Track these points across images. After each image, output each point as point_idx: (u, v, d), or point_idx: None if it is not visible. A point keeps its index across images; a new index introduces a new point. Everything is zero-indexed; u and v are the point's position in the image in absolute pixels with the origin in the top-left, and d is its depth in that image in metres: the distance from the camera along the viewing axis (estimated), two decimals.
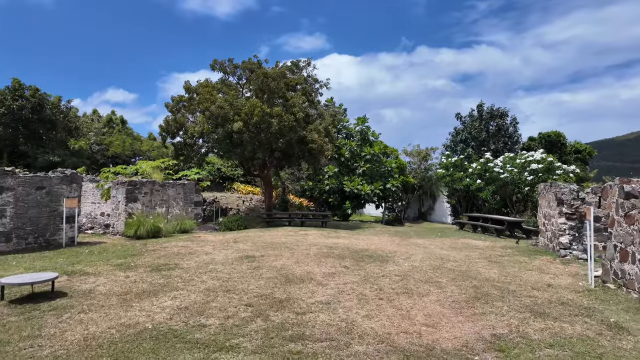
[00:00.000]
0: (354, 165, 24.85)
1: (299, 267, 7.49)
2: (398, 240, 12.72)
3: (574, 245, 8.88)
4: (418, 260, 8.49)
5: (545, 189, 10.33)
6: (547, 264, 8.19)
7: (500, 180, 17.26)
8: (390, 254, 9.44)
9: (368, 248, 10.33)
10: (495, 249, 10.91)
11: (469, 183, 18.26)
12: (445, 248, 10.93)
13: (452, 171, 19.42)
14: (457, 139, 22.61)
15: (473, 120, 22.68)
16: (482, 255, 9.40)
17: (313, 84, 19.32)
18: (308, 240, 11.83)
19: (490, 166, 17.54)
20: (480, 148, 21.49)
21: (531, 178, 15.60)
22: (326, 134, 18.06)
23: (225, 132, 15.78)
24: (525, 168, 16.16)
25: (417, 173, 27.39)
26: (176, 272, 6.98)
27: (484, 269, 7.65)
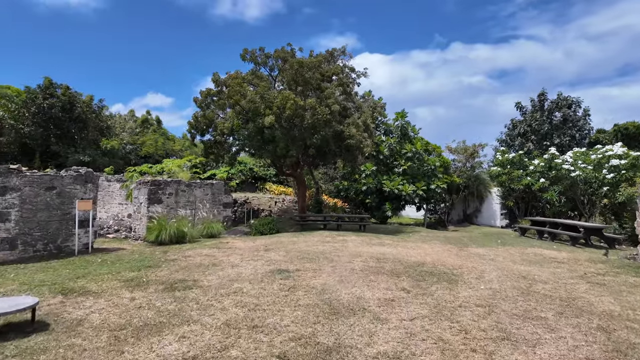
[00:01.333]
0: (393, 164, 22.99)
1: (345, 288, 5.89)
2: (455, 250, 10.83)
3: None
4: (495, 280, 6.65)
5: None
6: None
7: (570, 179, 14.84)
8: (454, 269, 7.63)
9: (424, 261, 8.56)
10: (582, 262, 8.81)
11: (530, 182, 15.94)
12: (518, 261, 8.95)
13: (510, 169, 17.13)
14: (515, 132, 20.09)
15: (534, 111, 20.06)
16: (573, 274, 7.39)
17: (349, 74, 17.69)
18: (349, 248, 10.22)
19: (557, 162, 15.16)
20: (541, 142, 18.94)
21: (611, 176, 13.14)
22: (365, 129, 16.36)
23: (256, 128, 14.48)
24: (603, 165, 13.69)
25: (462, 172, 25.07)
26: (193, 293, 5.60)
27: (592, 296, 5.71)
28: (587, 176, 14.19)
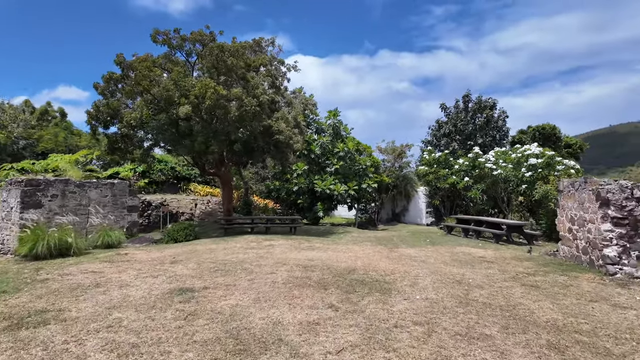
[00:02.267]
0: (325, 163, 22.37)
1: (261, 310, 4.77)
2: (386, 252, 10.27)
3: (624, 259, 6.78)
4: (431, 288, 6.01)
5: (574, 186, 8.24)
6: (603, 288, 5.99)
7: (492, 178, 15.35)
8: (386, 275, 6.91)
9: (355, 266, 7.76)
10: (509, 261, 8.72)
11: (455, 181, 16.26)
12: (449, 262, 8.59)
13: (436, 168, 17.38)
14: (440, 132, 20.66)
15: (458, 112, 20.79)
16: (505, 275, 7.10)
17: (279, 66, 16.59)
18: (275, 255, 9.10)
19: (480, 162, 15.62)
20: (466, 142, 19.67)
21: (530, 174, 13.74)
22: (295, 125, 15.38)
23: (169, 119, 12.70)
24: (522, 163, 14.31)
25: (391, 171, 25.36)
26: (47, 331, 4.06)
27: (530, 301, 5.29)
28: (507, 175, 14.74)
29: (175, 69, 13.01)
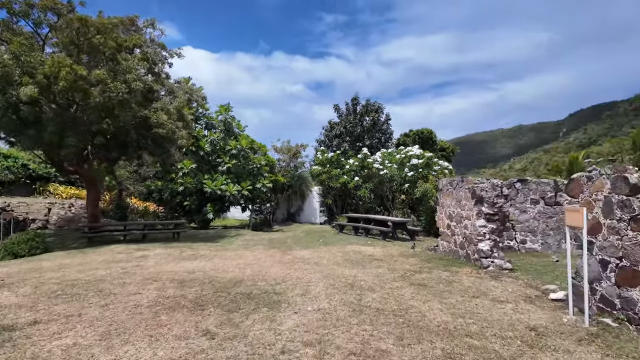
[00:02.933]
0: (216, 161, 20.88)
1: (108, 351, 3.63)
2: (279, 255, 9.66)
3: (495, 252, 7.38)
4: (323, 295, 5.55)
5: (452, 185, 8.79)
6: (481, 282, 6.33)
7: (379, 177, 16.04)
8: (277, 284, 6.26)
9: (242, 276, 6.93)
10: (396, 259, 8.91)
11: (346, 180, 16.59)
12: (341, 263, 8.38)
13: (329, 168, 17.54)
14: (332, 133, 21.04)
15: (348, 114, 21.44)
16: (395, 274, 7.10)
17: (159, 51, 14.68)
18: (146, 268, 7.71)
19: (369, 162, 16.20)
20: (355, 143, 20.36)
21: (412, 174, 14.68)
22: (179, 117, 13.75)
23: (7, 102, 10.01)
24: (405, 164, 15.24)
25: (286, 171, 25.05)
26: None
27: (420, 302, 5.20)
28: (392, 174, 15.53)
29: (16, 40, 10.32)
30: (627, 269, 4.05)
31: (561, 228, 9.92)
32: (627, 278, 4.06)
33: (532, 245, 9.86)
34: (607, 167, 4.38)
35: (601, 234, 4.41)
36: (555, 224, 9.91)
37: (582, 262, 4.76)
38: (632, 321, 3.97)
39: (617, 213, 4.17)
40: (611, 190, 4.27)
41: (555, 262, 8.49)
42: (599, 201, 4.46)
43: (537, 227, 9.86)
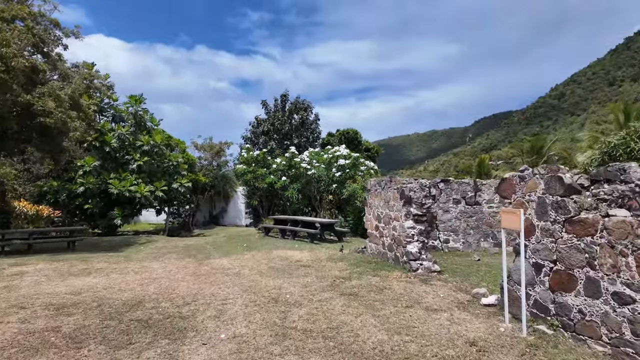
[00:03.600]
0: (125, 159, 18.57)
1: None
2: (194, 266, 8.50)
3: (423, 254, 7.18)
4: (242, 316, 4.70)
5: (380, 185, 8.49)
6: (412, 288, 6.00)
7: (307, 177, 15.51)
8: (185, 305, 5.24)
9: (143, 296, 5.75)
10: (325, 264, 8.37)
11: (273, 180, 15.77)
12: (266, 272, 7.57)
13: (254, 167, 16.54)
14: (259, 130, 19.93)
15: (276, 111, 20.52)
16: (323, 282, 6.50)
17: (51, 28, 12.39)
18: (17, 290, 6.11)
19: (296, 161, 15.57)
20: (283, 142, 19.56)
21: (339, 174, 14.38)
22: (73, 106, 11.69)
23: None
24: (333, 164, 14.90)
25: (208, 170, 23.39)
26: None
27: (352, 317, 4.63)
28: (320, 174, 15.10)
29: None
30: (562, 273, 3.89)
31: (481, 227, 10.28)
32: (561, 282, 3.90)
33: (454, 244, 10.05)
34: (541, 167, 4.23)
35: (534, 236, 4.25)
36: (475, 223, 10.22)
37: (514, 266, 4.60)
38: (567, 327, 3.82)
39: (552, 214, 4.01)
40: (545, 190, 4.10)
41: (477, 261, 8.66)
42: (532, 202, 4.29)
43: (459, 227, 10.08)
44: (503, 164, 43.12)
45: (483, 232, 10.28)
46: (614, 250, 3.37)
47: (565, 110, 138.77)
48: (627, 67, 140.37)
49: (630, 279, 3.22)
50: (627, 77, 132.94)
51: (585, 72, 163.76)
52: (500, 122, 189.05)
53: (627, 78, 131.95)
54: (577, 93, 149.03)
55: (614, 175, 3.52)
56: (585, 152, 26.17)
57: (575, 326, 3.73)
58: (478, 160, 25.82)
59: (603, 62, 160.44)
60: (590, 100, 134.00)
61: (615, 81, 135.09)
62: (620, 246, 3.31)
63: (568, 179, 3.85)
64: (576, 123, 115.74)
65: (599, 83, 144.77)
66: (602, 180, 3.66)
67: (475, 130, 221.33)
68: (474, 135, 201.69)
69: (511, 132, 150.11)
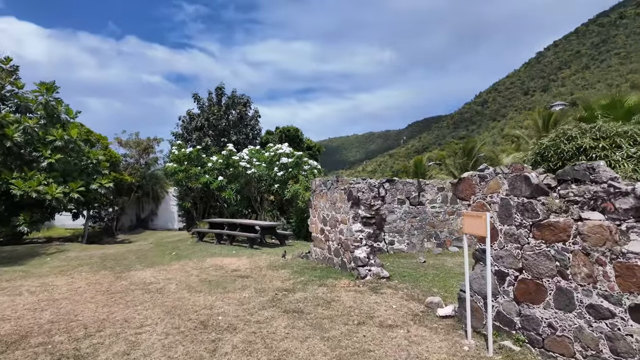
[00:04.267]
0: (33, 156, 16.04)
1: None
2: (109, 280, 7.20)
3: (372, 259, 6.69)
4: (159, 351, 3.76)
5: (326, 185, 7.89)
6: (362, 298, 5.45)
7: (246, 177, 14.49)
8: (87, 338, 4.15)
9: (30, 326, 4.51)
10: (265, 273, 7.58)
11: (208, 180, 14.52)
12: (196, 286, 6.59)
13: (187, 165, 15.12)
14: (192, 125, 18.27)
15: (211, 105, 18.99)
16: (263, 297, 5.72)
17: None
18: None
19: (234, 159, 14.47)
20: (219, 138, 18.16)
21: (282, 174, 13.58)
22: None
23: None
24: (275, 163, 14.05)
25: (135, 169, 21.24)
26: None
27: (298, 342, 3.92)
28: (261, 173, 14.19)
29: None
30: (529, 283, 3.55)
31: (424, 227, 10.16)
32: (528, 293, 3.55)
33: (399, 245, 9.80)
34: (504, 166, 3.87)
35: (497, 241, 3.88)
36: (419, 223, 10.07)
37: (474, 274, 4.21)
38: (534, 343, 3.47)
39: (517, 218, 3.65)
40: (509, 191, 3.74)
41: (423, 263, 8.44)
42: (494, 204, 3.92)
43: (404, 227, 9.86)
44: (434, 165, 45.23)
45: (426, 233, 10.17)
46: (589, 258, 3.04)
47: (487, 116, 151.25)
48: (539, 78, 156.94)
49: (609, 290, 2.90)
50: (538, 87, 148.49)
51: (504, 82, 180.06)
52: (431, 126, 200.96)
53: (538, 89, 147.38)
54: (497, 100, 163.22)
55: (582, 175, 3.21)
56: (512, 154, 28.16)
57: (544, 342, 3.39)
58: (414, 160, 26.59)
59: (519, 73, 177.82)
60: (509, 107, 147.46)
61: (529, 91, 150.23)
62: (596, 254, 2.99)
63: (535, 178, 3.51)
64: (497, 128, 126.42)
65: (516, 92, 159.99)
66: (570, 180, 3.35)
67: (409, 133, 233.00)
68: (407, 137, 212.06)
69: (441, 135, 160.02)
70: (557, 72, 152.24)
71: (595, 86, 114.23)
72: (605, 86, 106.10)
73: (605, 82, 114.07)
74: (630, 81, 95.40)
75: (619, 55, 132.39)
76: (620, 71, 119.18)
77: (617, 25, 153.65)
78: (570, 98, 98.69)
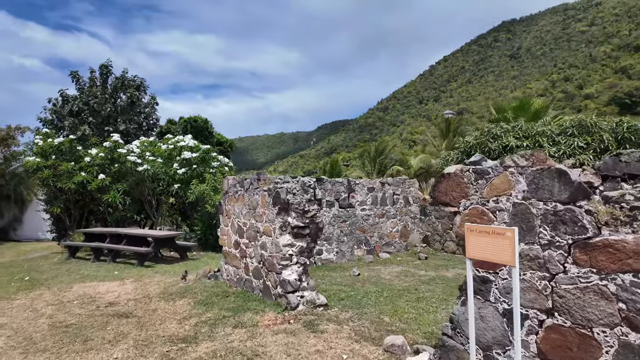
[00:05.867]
0: None
1: None
2: None
3: (304, 280, 5.15)
4: None
5: (243, 185, 6.09)
6: (296, 344, 3.88)
7: (137, 175, 11.75)
8: None
9: None
10: (156, 307, 5.53)
11: (85, 179, 11.41)
12: (42, 339, 4.30)
13: (56, 160, 11.75)
14: (66, 109, 14.31)
15: (93, 86, 15.16)
16: (149, 353, 3.76)
17: None
18: None
19: (121, 153, 11.60)
20: (102, 127, 14.58)
21: (183, 171, 11.21)
22: None
23: None
24: (174, 158, 11.60)
25: None
26: None
27: None
28: (157, 171, 11.61)
29: None
30: (566, 332, 2.37)
31: (354, 233, 8.99)
32: (564, 347, 2.37)
33: (327, 255, 8.46)
34: (517, 156, 2.66)
35: (506, 266, 2.65)
36: (348, 228, 8.87)
37: (461, 311, 2.95)
38: None
39: (544, 234, 2.46)
40: (530, 193, 2.54)
41: (357, 276, 7.21)
42: (501, 212, 2.70)
43: (333, 234, 8.55)
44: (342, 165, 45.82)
45: (356, 239, 9.02)
46: None
47: (388, 122, 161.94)
48: (431, 89, 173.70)
49: None
50: (431, 97, 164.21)
51: (402, 91, 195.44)
52: (339, 129, 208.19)
53: (431, 98, 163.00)
54: (397, 107, 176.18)
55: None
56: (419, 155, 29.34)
57: None
58: (331, 161, 25.94)
59: (415, 83, 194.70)
60: (407, 113, 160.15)
61: (424, 100, 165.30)
62: None
63: (575, 175, 2.34)
64: (397, 132, 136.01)
65: (412, 100, 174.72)
66: (619, 176, 2.25)
67: (318, 135, 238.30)
68: (317, 139, 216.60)
69: (348, 138, 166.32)
70: (446, 84, 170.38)
71: (477, 98, 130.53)
72: (484, 99, 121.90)
73: (484, 95, 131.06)
74: (502, 95, 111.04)
75: (494, 73, 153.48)
76: (495, 86, 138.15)
77: (492, 47, 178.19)
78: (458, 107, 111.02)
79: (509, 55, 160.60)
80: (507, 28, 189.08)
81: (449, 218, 9.49)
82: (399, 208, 9.76)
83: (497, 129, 10.02)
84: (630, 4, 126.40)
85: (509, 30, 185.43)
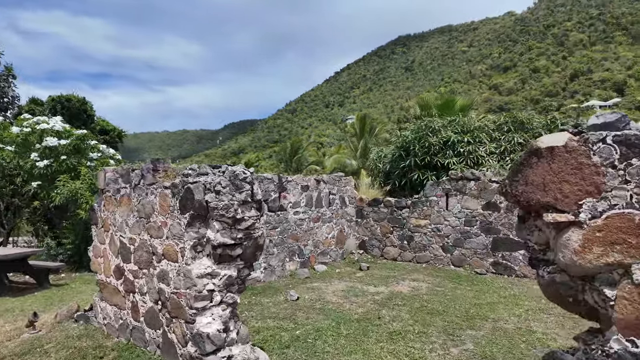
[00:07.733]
0: None
1: None
2: None
3: (232, 330, 3.27)
4: None
5: (129, 180, 3.92)
6: None
7: None
8: None
9: None
10: None
11: None
12: None
13: None
14: None
15: None
16: None
17: None
18: None
19: None
20: None
21: (46, 164, 8.11)
22: None
23: None
24: (33, 145, 8.40)
25: None
26: None
27: None
28: (9, 164, 8.27)
29: None
30: None
31: (286, 242, 7.25)
32: None
33: (254, 273, 6.56)
34: None
35: None
36: (279, 237, 7.11)
37: None
38: None
39: None
40: None
41: (297, 301, 5.53)
42: None
43: None
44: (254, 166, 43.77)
45: (288, 249, 7.31)
46: None
47: (297, 124, 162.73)
48: (336, 95, 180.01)
49: None
50: (336, 102, 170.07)
51: (310, 94, 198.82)
52: (247, 129, 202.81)
53: (336, 103, 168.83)
54: (305, 110, 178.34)
55: None
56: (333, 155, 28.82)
57: None
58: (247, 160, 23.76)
59: (321, 88, 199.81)
60: (314, 117, 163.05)
61: (330, 104, 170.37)
62: None
63: None
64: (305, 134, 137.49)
65: (319, 104, 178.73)
66: None
67: (225, 134, 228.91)
68: (224, 138, 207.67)
69: (256, 138, 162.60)
70: (350, 90, 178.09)
71: (376, 105, 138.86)
72: (383, 106, 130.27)
73: (383, 103, 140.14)
74: (399, 104, 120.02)
75: (391, 83, 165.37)
76: (393, 95, 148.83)
77: (390, 59, 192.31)
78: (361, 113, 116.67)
79: (404, 68, 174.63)
80: (403, 42, 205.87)
81: (391, 220, 8.38)
82: (335, 210, 8.34)
83: (434, 123, 9.33)
84: (500, 31, 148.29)
85: (404, 44, 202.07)
